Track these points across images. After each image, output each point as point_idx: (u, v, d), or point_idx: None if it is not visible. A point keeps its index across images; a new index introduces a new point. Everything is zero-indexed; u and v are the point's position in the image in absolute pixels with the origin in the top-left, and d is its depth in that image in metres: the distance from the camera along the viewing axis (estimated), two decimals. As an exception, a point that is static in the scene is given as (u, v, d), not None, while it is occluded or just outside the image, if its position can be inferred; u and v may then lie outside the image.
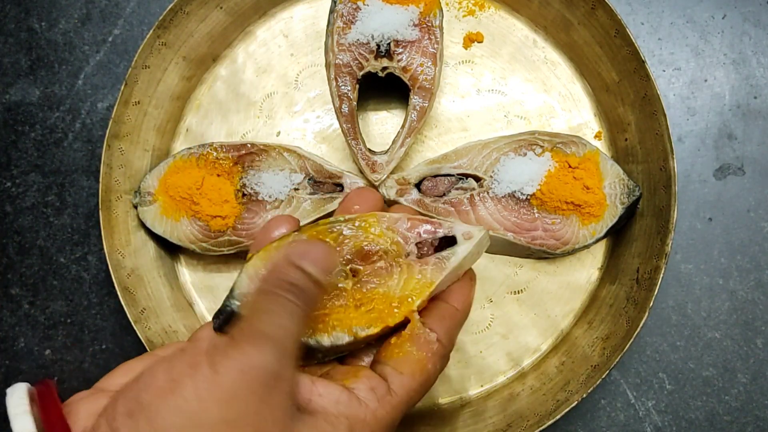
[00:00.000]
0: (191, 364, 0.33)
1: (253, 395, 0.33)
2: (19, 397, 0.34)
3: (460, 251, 0.44)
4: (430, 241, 0.46)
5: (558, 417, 0.52)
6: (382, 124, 0.62)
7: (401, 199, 0.57)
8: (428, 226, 0.45)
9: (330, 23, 0.57)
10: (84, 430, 0.34)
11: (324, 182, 0.57)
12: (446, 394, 0.58)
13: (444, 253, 0.44)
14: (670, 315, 0.61)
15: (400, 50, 0.57)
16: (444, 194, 0.57)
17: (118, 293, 0.55)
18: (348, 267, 0.45)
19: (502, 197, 0.56)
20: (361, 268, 0.44)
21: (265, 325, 0.35)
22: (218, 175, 0.57)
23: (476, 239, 0.44)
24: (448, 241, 0.46)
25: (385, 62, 0.57)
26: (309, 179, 0.57)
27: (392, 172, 0.58)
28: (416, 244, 0.45)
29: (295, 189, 0.57)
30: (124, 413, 0.33)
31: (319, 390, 0.37)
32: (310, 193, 0.57)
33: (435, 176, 0.58)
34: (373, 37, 0.56)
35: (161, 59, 0.59)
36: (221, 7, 0.61)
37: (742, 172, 0.63)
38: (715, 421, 0.60)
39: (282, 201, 0.57)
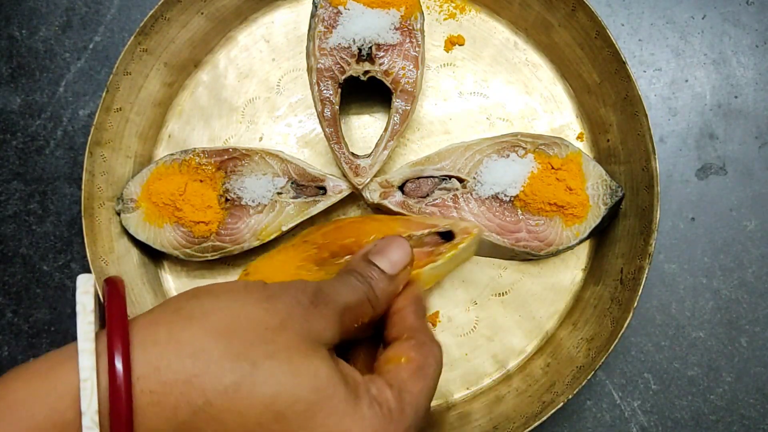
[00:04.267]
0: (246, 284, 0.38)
1: (287, 306, 0.36)
2: (86, 293, 0.35)
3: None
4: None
5: (544, 418, 0.52)
6: (365, 128, 0.62)
7: (385, 202, 0.57)
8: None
9: (311, 28, 0.57)
10: None
11: (307, 186, 0.57)
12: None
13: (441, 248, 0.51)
14: (654, 315, 0.61)
15: (382, 54, 0.57)
16: (427, 195, 0.57)
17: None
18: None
19: (486, 199, 0.56)
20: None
21: (320, 283, 0.39)
22: (201, 181, 0.57)
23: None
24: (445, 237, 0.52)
25: (366, 66, 0.57)
26: (291, 183, 0.57)
27: (375, 176, 0.57)
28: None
29: (278, 193, 0.57)
30: (167, 310, 0.36)
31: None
32: (293, 197, 0.57)
33: (418, 178, 0.58)
34: (354, 41, 0.56)
35: (142, 66, 0.59)
36: (202, 13, 0.61)
37: (724, 171, 0.63)
38: (700, 421, 0.60)
39: (265, 206, 0.57)
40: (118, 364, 0.31)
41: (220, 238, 0.57)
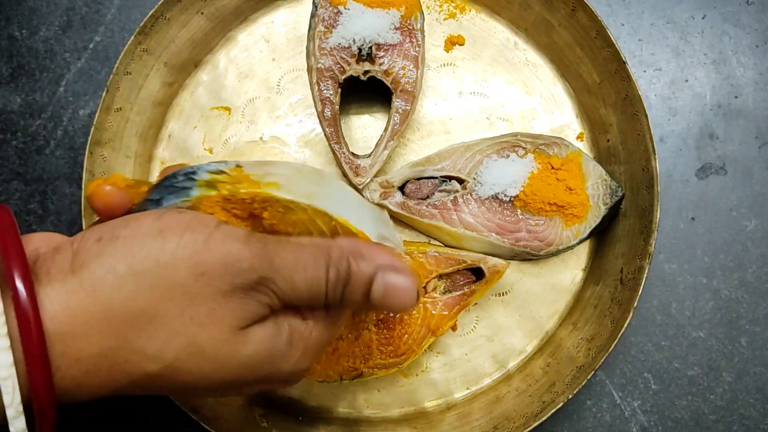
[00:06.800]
0: (187, 227, 0.34)
1: (223, 282, 0.33)
2: None
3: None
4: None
5: (544, 418, 0.52)
6: (365, 128, 0.62)
7: (385, 202, 0.57)
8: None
9: (311, 27, 0.57)
10: (37, 252, 0.34)
11: None
12: (432, 397, 0.58)
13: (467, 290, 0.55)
14: (654, 315, 0.61)
15: (382, 54, 0.57)
16: (428, 197, 0.57)
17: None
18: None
19: (486, 199, 0.56)
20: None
21: (282, 250, 0.35)
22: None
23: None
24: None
25: (366, 66, 0.57)
26: None
27: (376, 176, 0.58)
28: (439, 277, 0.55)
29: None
30: (92, 238, 0.33)
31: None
32: None
33: (418, 179, 0.58)
34: (354, 41, 0.56)
35: (143, 65, 0.59)
36: (202, 13, 0.61)
37: (724, 171, 0.63)
38: (700, 421, 0.60)
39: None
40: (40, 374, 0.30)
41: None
